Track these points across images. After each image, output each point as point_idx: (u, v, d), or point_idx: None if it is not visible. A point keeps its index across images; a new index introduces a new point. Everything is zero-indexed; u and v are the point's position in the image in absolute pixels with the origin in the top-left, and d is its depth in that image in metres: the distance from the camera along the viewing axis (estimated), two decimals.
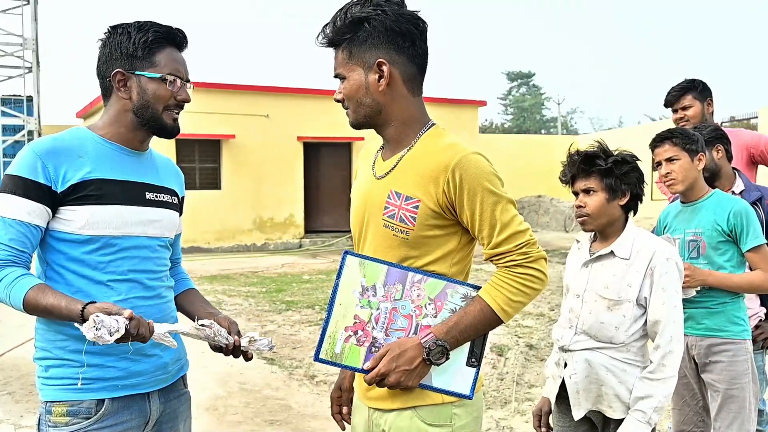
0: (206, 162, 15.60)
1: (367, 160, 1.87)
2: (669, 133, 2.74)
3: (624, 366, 2.25)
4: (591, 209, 2.28)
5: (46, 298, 1.67)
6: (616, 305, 2.25)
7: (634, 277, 2.23)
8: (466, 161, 1.63)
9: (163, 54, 1.85)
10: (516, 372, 5.33)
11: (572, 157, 2.33)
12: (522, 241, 1.66)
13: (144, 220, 1.86)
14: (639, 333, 2.26)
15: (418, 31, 1.69)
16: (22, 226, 1.72)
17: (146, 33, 1.83)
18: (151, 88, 1.83)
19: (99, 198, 1.78)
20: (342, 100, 1.75)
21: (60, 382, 1.77)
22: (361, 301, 1.68)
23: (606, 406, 2.27)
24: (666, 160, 2.72)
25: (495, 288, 1.67)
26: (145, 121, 1.86)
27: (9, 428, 4.42)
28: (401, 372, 1.62)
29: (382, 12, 1.65)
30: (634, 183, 2.27)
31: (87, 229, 1.77)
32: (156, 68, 1.84)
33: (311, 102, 16.16)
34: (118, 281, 1.80)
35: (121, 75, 1.83)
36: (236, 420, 4.47)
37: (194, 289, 2.13)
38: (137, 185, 1.86)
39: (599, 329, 2.27)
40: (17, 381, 5.33)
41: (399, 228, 1.68)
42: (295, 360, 5.85)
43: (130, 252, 1.83)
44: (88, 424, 1.76)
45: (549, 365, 2.49)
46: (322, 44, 1.73)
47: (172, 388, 1.95)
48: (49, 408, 1.77)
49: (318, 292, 9.23)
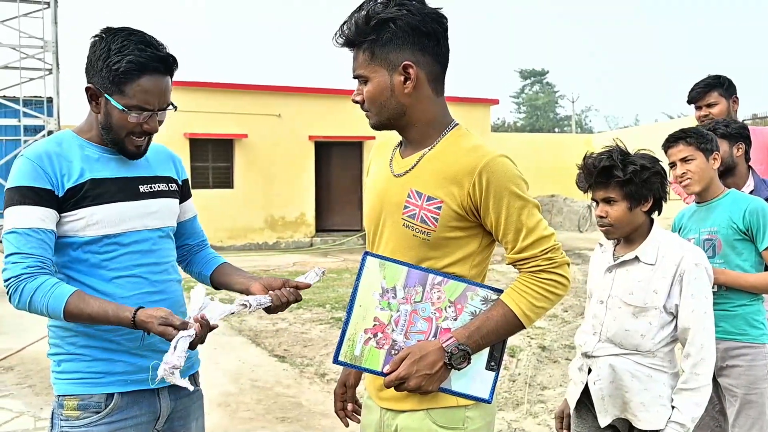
0: (219, 161, 15.64)
1: (382, 155, 1.83)
2: (682, 132, 2.70)
3: (650, 372, 2.19)
4: (613, 219, 2.19)
5: (89, 306, 1.69)
6: (641, 312, 2.18)
7: (660, 283, 2.17)
8: (493, 164, 1.61)
9: (135, 84, 1.76)
10: (528, 373, 5.30)
11: (588, 167, 2.20)
12: (547, 246, 1.64)
13: (142, 213, 1.87)
14: (667, 340, 2.20)
15: (443, 29, 1.66)
16: (39, 233, 1.74)
17: (121, 61, 1.74)
18: (116, 115, 1.79)
19: (94, 198, 1.79)
20: (361, 102, 1.70)
21: (71, 376, 1.81)
22: (381, 303, 1.67)
23: (632, 415, 2.22)
24: (681, 161, 2.68)
25: (518, 293, 1.65)
26: (108, 141, 1.85)
27: (29, 420, 4.50)
28: (422, 376, 1.61)
29: (408, 12, 1.60)
30: (656, 188, 2.18)
31: (87, 230, 1.79)
32: (124, 98, 1.77)
33: (322, 101, 16.18)
34: (122, 277, 1.82)
35: (92, 91, 1.81)
36: (248, 416, 4.49)
37: (226, 262, 2.11)
38: (130, 180, 1.87)
39: (624, 337, 2.21)
40: (37, 375, 5.38)
41: (420, 228, 1.66)
42: (305, 358, 5.86)
43: (131, 247, 1.84)
44: (98, 418, 1.79)
45: (572, 369, 2.45)
46: (341, 44, 1.68)
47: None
48: (62, 402, 1.81)
49: (329, 291, 9.24)
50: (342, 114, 15.52)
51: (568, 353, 5.88)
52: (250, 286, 1.89)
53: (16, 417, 4.56)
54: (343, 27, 1.66)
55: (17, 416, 4.57)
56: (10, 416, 4.58)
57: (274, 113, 15.80)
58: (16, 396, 4.91)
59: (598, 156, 2.19)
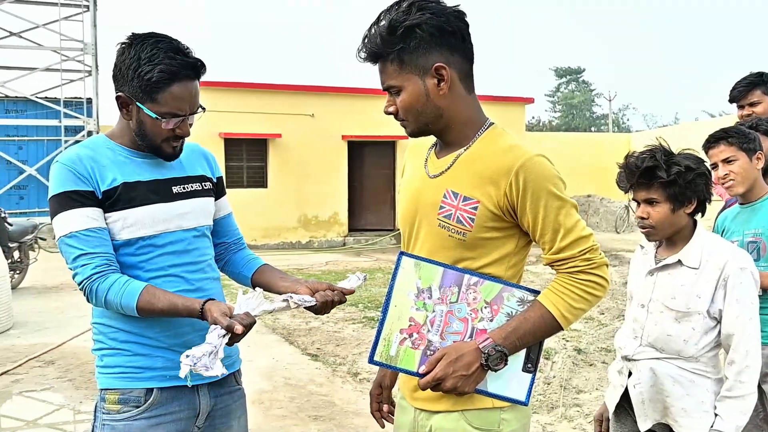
0: (253, 161, 15.80)
1: (417, 156, 1.82)
2: (723, 132, 2.62)
3: (692, 377, 2.13)
4: (655, 221, 2.13)
5: (159, 302, 1.74)
6: (684, 317, 2.12)
7: (704, 288, 2.10)
8: (530, 164, 1.59)
9: (167, 93, 1.77)
10: (563, 376, 5.23)
11: (630, 167, 2.14)
12: (585, 246, 1.62)
13: (176, 214, 1.89)
14: (710, 345, 2.14)
15: (465, 25, 1.64)
16: (96, 231, 1.78)
17: (152, 70, 1.74)
18: (149, 122, 1.81)
19: (128, 201, 1.82)
20: (395, 112, 1.67)
21: (112, 370, 1.84)
22: (417, 303, 1.66)
23: (672, 420, 2.17)
24: (723, 162, 2.61)
25: (556, 294, 1.63)
26: (144, 146, 1.87)
27: (69, 413, 4.63)
28: (458, 377, 1.59)
29: (431, 14, 1.58)
30: (701, 190, 2.11)
31: (123, 232, 1.82)
32: (156, 106, 1.78)
33: (355, 101, 16.22)
34: (159, 278, 1.85)
35: (123, 99, 1.82)
36: (281, 414, 4.52)
37: (267, 264, 2.11)
38: (162, 182, 1.89)
39: (666, 342, 2.15)
40: (77, 369, 5.51)
41: (456, 229, 1.64)
42: (338, 357, 5.88)
43: (167, 248, 1.86)
44: (138, 412, 1.82)
45: (611, 372, 2.40)
46: (364, 59, 1.64)
47: (223, 383, 1.96)
48: (104, 395, 1.85)
49: (361, 290, 9.23)
50: (375, 113, 15.43)
51: (605, 356, 5.79)
52: (297, 289, 1.88)
53: (56, 410, 4.69)
54: (365, 41, 1.63)
55: (57, 409, 4.70)
56: (51, 409, 4.70)
57: (307, 113, 15.89)
58: (56, 389, 5.03)
59: (641, 155, 2.13)
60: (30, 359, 5.74)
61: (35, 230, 9.46)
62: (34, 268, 9.64)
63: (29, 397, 4.92)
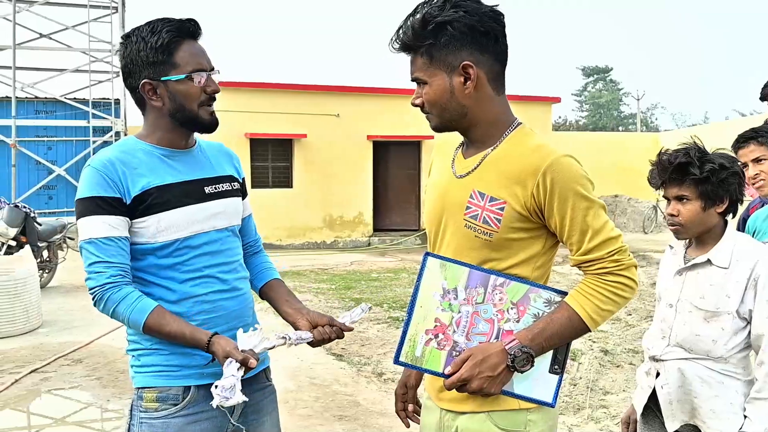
0: (278, 161, 15.89)
1: (444, 156, 1.81)
2: (753, 132, 2.58)
3: (721, 378, 2.10)
4: (685, 218, 2.10)
5: (168, 326, 1.78)
6: (713, 317, 2.09)
7: (734, 288, 2.07)
8: (557, 164, 1.57)
9: (182, 51, 1.83)
10: (590, 377, 5.18)
11: (663, 163, 2.13)
12: (614, 248, 1.60)
13: (209, 215, 1.90)
14: (740, 346, 2.10)
15: (501, 26, 1.62)
16: (116, 241, 1.80)
17: (160, 35, 1.81)
18: (181, 90, 1.84)
19: (162, 204, 1.83)
20: (421, 104, 1.68)
21: (150, 369, 1.86)
22: (442, 304, 1.65)
23: (701, 422, 2.14)
24: (753, 161, 2.57)
25: (584, 295, 1.61)
26: (183, 122, 1.88)
27: (96, 411, 4.68)
28: (484, 378, 1.58)
29: (465, 13, 1.57)
30: (733, 189, 2.08)
31: (158, 236, 1.83)
32: (179, 69, 1.83)
33: (380, 101, 16.24)
34: (195, 278, 1.87)
35: (149, 84, 1.85)
36: (306, 414, 4.53)
37: (278, 280, 2.13)
38: (195, 183, 1.90)
39: (695, 342, 2.12)
40: (104, 367, 5.56)
41: (482, 229, 1.63)
42: (363, 357, 5.88)
43: (202, 249, 1.88)
44: (176, 410, 1.84)
45: (639, 373, 2.37)
46: (397, 49, 1.66)
47: (255, 380, 1.98)
48: (141, 394, 1.87)
49: (386, 291, 9.25)
50: (400, 114, 15.53)
51: (632, 358, 5.72)
52: (297, 321, 1.94)
53: (83, 408, 4.75)
54: (399, 32, 1.64)
55: (85, 407, 4.76)
56: (78, 407, 4.76)
57: (332, 113, 15.94)
58: (84, 388, 5.10)
59: (675, 152, 2.12)
60: (58, 357, 5.82)
61: (64, 230, 9.59)
62: (62, 267, 9.79)
63: (57, 395, 4.99)
